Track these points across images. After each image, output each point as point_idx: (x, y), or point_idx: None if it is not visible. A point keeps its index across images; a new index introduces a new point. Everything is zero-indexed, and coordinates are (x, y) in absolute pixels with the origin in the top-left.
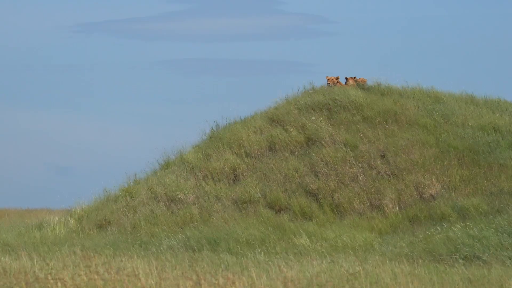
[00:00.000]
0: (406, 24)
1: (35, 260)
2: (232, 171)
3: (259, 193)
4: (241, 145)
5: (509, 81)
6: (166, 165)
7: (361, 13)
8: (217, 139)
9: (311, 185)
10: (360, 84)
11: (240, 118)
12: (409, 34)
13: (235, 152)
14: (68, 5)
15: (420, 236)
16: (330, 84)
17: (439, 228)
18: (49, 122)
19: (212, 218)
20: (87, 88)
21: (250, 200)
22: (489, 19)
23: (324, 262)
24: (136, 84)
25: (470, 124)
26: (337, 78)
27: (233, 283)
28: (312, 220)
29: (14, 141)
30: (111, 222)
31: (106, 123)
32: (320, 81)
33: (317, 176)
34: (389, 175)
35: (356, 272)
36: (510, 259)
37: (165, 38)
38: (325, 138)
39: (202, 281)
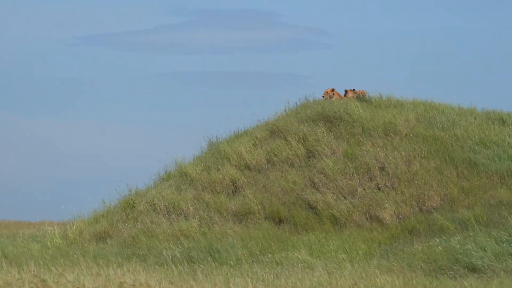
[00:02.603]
0: (404, 36)
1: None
2: (231, 183)
3: (258, 205)
4: (241, 157)
5: (509, 93)
6: (166, 177)
7: (358, 25)
8: (217, 151)
9: (311, 197)
10: (359, 96)
11: (240, 130)
12: (406, 46)
13: (235, 164)
14: (66, 18)
15: (420, 247)
16: (325, 97)
17: (438, 239)
18: (48, 130)
19: (212, 230)
20: (86, 96)
21: (249, 212)
22: (487, 30)
23: (323, 274)
24: (137, 94)
25: (470, 136)
26: (333, 90)
27: None
28: (311, 232)
29: (12, 149)
30: (111, 234)
31: (106, 130)
32: (319, 93)
33: (317, 188)
34: (388, 187)
35: (355, 284)
36: (510, 271)
37: (164, 51)
38: (325, 150)
39: None
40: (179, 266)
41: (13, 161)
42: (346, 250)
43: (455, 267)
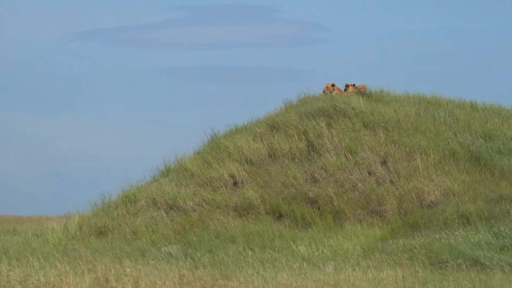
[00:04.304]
0: (404, 36)
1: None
2: (232, 178)
3: (259, 200)
4: (241, 152)
5: (509, 88)
6: (166, 172)
7: (358, 20)
8: (217, 146)
9: (311, 192)
10: (360, 91)
11: (240, 125)
12: (406, 45)
13: (235, 159)
14: (64, 14)
15: (421, 242)
16: (326, 92)
17: (440, 234)
18: (48, 128)
19: (212, 225)
20: (86, 94)
21: (250, 207)
22: (487, 30)
23: (325, 268)
24: (136, 89)
25: (471, 130)
26: (333, 85)
27: None
28: (312, 227)
29: (12, 147)
30: (111, 229)
31: (106, 129)
32: (319, 88)
33: (317, 183)
34: (389, 182)
35: (357, 279)
36: (511, 265)
37: (162, 46)
38: (326, 145)
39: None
40: (179, 261)
41: (14, 160)
42: (347, 245)
43: (457, 261)
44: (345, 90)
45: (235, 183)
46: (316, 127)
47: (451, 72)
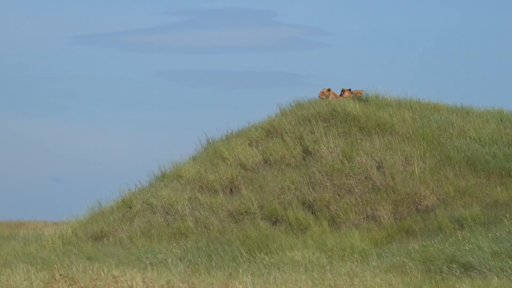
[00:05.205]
0: (403, 35)
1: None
2: (228, 183)
3: (255, 205)
4: (237, 157)
5: (506, 92)
6: (162, 177)
7: (358, 24)
8: (213, 151)
9: (307, 197)
10: (356, 96)
11: (236, 130)
12: (405, 45)
13: (231, 164)
14: (62, 17)
15: (416, 247)
16: (321, 97)
17: (435, 239)
18: (43, 131)
19: (208, 230)
20: (84, 98)
21: (246, 212)
22: (485, 29)
23: (320, 273)
24: (133, 93)
25: (467, 135)
26: (329, 90)
27: None
28: (308, 232)
29: (7, 150)
30: (108, 234)
31: (104, 132)
32: (316, 93)
33: (313, 187)
34: (385, 187)
35: (352, 284)
36: (507, 270)
37: (161, 50)
38: (322, 149)
39: None
40: (175, 266)
41: (10, 164)
42: (343, 250)
43: (452, 267)
44: (341, 95)
45: (231, 189)
46: (312, 131)
47: (454, 78)
